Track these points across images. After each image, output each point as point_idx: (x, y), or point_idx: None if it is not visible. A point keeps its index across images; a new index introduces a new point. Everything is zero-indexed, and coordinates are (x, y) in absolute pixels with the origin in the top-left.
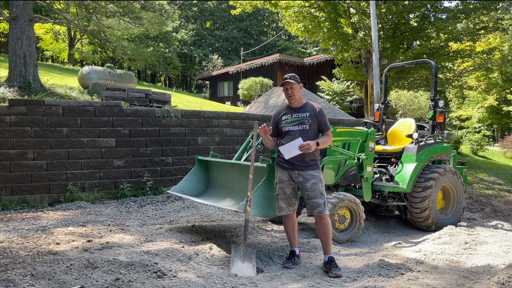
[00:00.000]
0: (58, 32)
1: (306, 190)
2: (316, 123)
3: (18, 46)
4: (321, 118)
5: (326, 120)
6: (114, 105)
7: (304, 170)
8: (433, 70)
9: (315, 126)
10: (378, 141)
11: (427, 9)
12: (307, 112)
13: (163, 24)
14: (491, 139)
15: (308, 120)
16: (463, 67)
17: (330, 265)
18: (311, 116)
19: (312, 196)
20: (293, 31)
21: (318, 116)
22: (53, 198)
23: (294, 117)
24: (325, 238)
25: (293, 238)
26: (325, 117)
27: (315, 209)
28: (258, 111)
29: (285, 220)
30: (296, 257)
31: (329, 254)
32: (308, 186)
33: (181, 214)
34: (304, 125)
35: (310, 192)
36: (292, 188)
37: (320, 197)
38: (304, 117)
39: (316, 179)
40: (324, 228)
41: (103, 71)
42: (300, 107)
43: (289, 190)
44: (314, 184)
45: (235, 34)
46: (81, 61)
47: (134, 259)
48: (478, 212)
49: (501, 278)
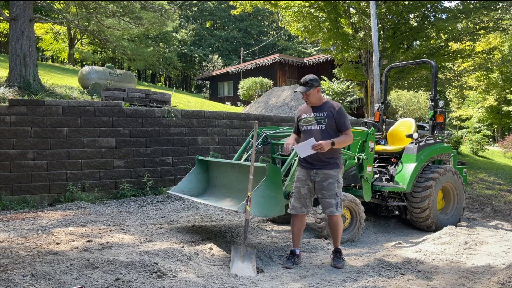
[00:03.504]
0: (58, 32)
1: (322, 189)
2: (333, 123)
3: (18, 46)
4: (339, 118)
5: (345, 120)
6: (114, 105)
7: (322, 169)
8: (433, 70)
9: (332, 126)
10: (378, 141)
11: (427, 9)
12: (324, 111)
13: (163, 24)
14: (491, 139)
15: (325, 120)
16: (463, 67)
17: (335, 255)
18: (328, 115)
19: (326, 196)
20: (293, 31)
21: (336, 116)
22: (53, 198)
23: (312, 117)
24: (334, 234)
25: (296, 239)
26: (344, 116)
27: (327, 209)
28: (258, 111)
29: (294, 220)
30: (296, 257)
31: (337, 247)
32: (324, 185)
33: (181, 214)
34: (320, 124)
35: (325, 192)
36: (308, 188)
37: (334, 197)
38: (321, 116)
39: (333, 179)
40: (332, 227)
41: (103, 71)
42: (318, 106)
43: (304, 190)
44: (330, 184)
45: (235, 34)
46: (81, 61)
47: (134, 259)
48: (478, 212)
49: (501, 278)
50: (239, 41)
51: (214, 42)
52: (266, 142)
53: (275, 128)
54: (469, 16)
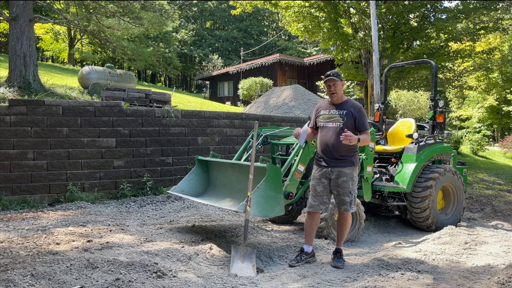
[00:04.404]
0: (58, 32)
1: (337, 186)
2: (352, 122)
3: (18, 46)
4: (359, 117)
5: (365, 120)
6: (114, 105)
7: (337, 166)
8: (433, 70)
9: (350, 125)
10: (378, 141)
11: (427, 9)
12: (344, 110)
13: (163, 24)
14: (491, 139)
15: (344, 118)
16: (463, 67)
17: (336, 255)
18: (347, 114)
19: (341, 193)
20: (293, 31)
21: (355, 115)
22: (53, 198)
23: (331, 114)
24: (341, 232)
25: (307, 235)
26: (364, 117)
27: (342, 206)
28: (258, 111)
29: (308, 216)
30: (304, 254)
31: (339, 247)
32: (338, 182)
33: (181, 214)
34: (338, 122)
35: (339, 189)
36: (323, 186)
37: (348, 195)
38: (341, 114)
39: (348, 177)
40: (342, 223)
41: (103, 71)
42: (339, 104)
43: (319, 188)
44: (345, 182)
45: (235, 34)
46: (81, 61)
47: (134, 259)
48: (478, 212)
49: (501, 278)
50: (239, 41)
51: (214, 42)
52: (266, 142)
53: (275, 128)
54: (469, 16)
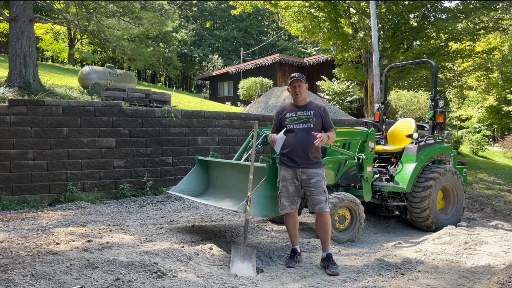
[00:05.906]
0: (58, 32)
1: (310, 187)
2: (320, 122)
3: (18, 46)
4: (325, 117)
5: (330, 119)
6: (114, 105)
7: (308, 168)
8: (433, 70)
9: (319, 125)
10: (378, 141)
11: (427, 9)
12: (311, 110)
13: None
14: (491, 139)
15: (313, 119)
16: (463, 67)
17: (328, 261)
18: (315, 114)
19: (315, 193)
20: (293, 31)
21: (322, 115)
22: (53, 198)
23: (299, 115)
24: (324, 235)
25: (294, 237)
26: (329, 116)
27: (317, 206)
28: (258, 111)
29: (287, 218)
30: (298, 255)
31: (327, 251)
32: (311, 183)
33: (181, 214)
34: (308, 123)
35: (313, 189)
36: (295, 186)
37: (322, 194)
38: (309, 115)
39: (320, 177)
40: (323, 225)
41: (103, 71)
42: (304, 105)
43: (292, 189)
44: (318, 181)
45: (235, 34)
46: (81, 61)
47: (134, 259)
48: (478, 212)
49: (501, 278)
50: (239, 41)
51: (214, 42)
52: (266, 142)
53: None
54: (469, 16)
